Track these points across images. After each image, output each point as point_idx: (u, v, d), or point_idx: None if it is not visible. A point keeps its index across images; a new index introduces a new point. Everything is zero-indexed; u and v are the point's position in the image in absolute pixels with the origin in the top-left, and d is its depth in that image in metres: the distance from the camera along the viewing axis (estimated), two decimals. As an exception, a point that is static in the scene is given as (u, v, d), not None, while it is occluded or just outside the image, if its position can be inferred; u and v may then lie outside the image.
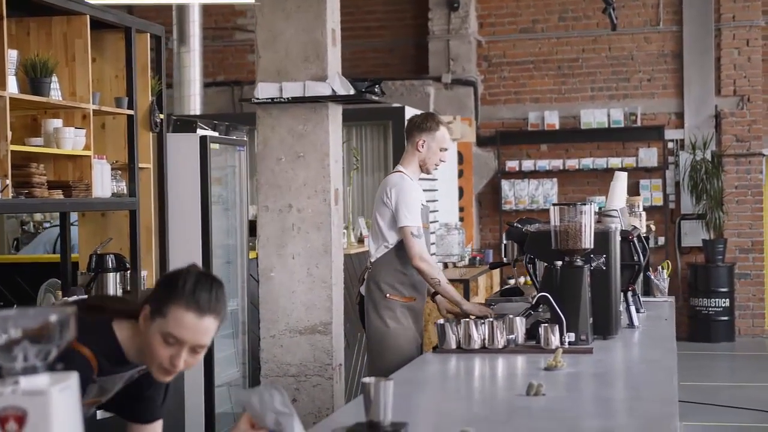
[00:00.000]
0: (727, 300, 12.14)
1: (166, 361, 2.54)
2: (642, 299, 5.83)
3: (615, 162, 12.48)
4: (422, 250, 5.12)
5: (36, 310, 1.84)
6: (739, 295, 12.38)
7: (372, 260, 5.32)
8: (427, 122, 5.34)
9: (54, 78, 5.09)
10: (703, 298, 12.14)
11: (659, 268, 6.37)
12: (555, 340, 4.15)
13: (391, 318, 5.19)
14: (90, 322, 2.57)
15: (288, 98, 5.77)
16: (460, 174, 12.35)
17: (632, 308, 5.02)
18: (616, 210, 5.19)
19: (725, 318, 12.15)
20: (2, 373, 1.81)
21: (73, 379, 1.84)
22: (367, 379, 2.69)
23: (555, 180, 12.73)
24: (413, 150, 5.34)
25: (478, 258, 11.44)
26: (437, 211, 10.67)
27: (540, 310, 4.46)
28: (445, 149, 5.35)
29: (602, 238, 4.53)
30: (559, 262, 4.39)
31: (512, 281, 12.07)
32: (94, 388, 2.65)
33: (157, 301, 2.56)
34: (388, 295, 5.21)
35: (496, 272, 11.37)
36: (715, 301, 12.12)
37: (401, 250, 5.19)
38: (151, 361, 2.57)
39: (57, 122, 5.17)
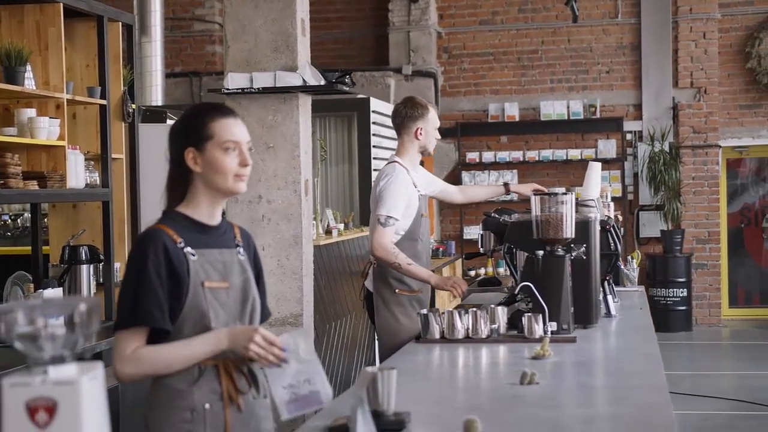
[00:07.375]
0: (685, 290, 12.29)
1: (237, 168, 2.84)
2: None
3: (574, 153, 12.55)
4: (381, 239, 5.03)
5: (63, 300, 1.82)
6: (696, 285, 12.54)
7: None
8: (418, 110, 5.34)
9: (28, 67, 5.02)
10: (661, 288, 12.27)
11: (629, 258, 6.43)
12: (539, 330, 4.18)
13: (401, 313, 5.16)
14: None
15: (258, 89, 5.73)
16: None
17: (609, 297, 5.05)
18: (593, 200, 5.21)
19: (683, 308, 12.31)
20: (30, 362, 1.79)
21: (99, 368, 1.82)
22: (370, 369, 2.69)
23: (515, 171, 12.78)
24: (411, 139, 5.31)
25: (441, 249, 11.48)
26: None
27: (519, 299, 4.48)
28: (438, 126, 5.46)
29: (582, 227, 4.54)
30: (541, 252, 4.40)
31: (482, 271, 12.14)
32: (202, 263, 2.80)
33: (196, 137, 2.83)
34: (397, 290, 5.17)
35: (458, 263, 11.43)
36: (673, 291, 12.26)
37: (406, 241, 5.14)
38: (224, 179, 2.83)
39: (31, 112, 5.09)
